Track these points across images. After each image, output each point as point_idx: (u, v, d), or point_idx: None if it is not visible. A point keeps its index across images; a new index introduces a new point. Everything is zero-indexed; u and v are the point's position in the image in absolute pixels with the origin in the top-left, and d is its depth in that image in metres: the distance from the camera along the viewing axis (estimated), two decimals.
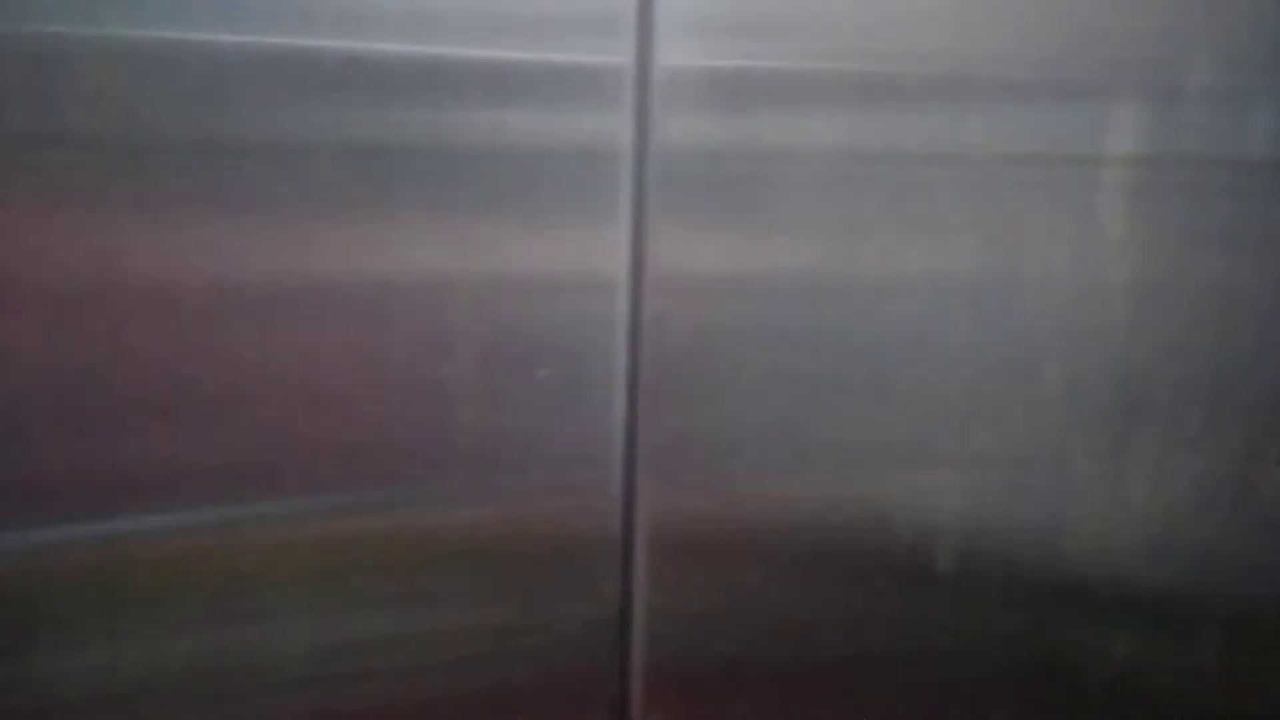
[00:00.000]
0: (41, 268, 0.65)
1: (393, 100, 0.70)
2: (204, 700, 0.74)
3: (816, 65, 0.79)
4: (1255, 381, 0.95)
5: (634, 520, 0.82)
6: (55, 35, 0.63)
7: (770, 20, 0.77)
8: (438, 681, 0.81)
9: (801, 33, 0.78)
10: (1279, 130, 0.89)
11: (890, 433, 0.87)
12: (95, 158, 0.65)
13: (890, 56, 0.80)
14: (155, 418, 0.69)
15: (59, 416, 0.67)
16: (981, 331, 0.87)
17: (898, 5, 0.79)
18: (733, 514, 0.85)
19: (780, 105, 0.78)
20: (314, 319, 0.71)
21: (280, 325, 0.70)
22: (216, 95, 0.66)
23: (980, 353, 0.88)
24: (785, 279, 0.81)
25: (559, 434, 0.79)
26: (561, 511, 0.81)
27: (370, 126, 0.69)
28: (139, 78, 0.65)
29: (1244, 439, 0.96)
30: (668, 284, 0.79)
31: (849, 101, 0.80)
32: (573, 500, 0.81)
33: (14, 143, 0.64)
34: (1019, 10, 0.81)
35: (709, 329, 0.80)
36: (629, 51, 0.74)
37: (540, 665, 0.83)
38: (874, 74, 0.80)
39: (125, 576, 0.71)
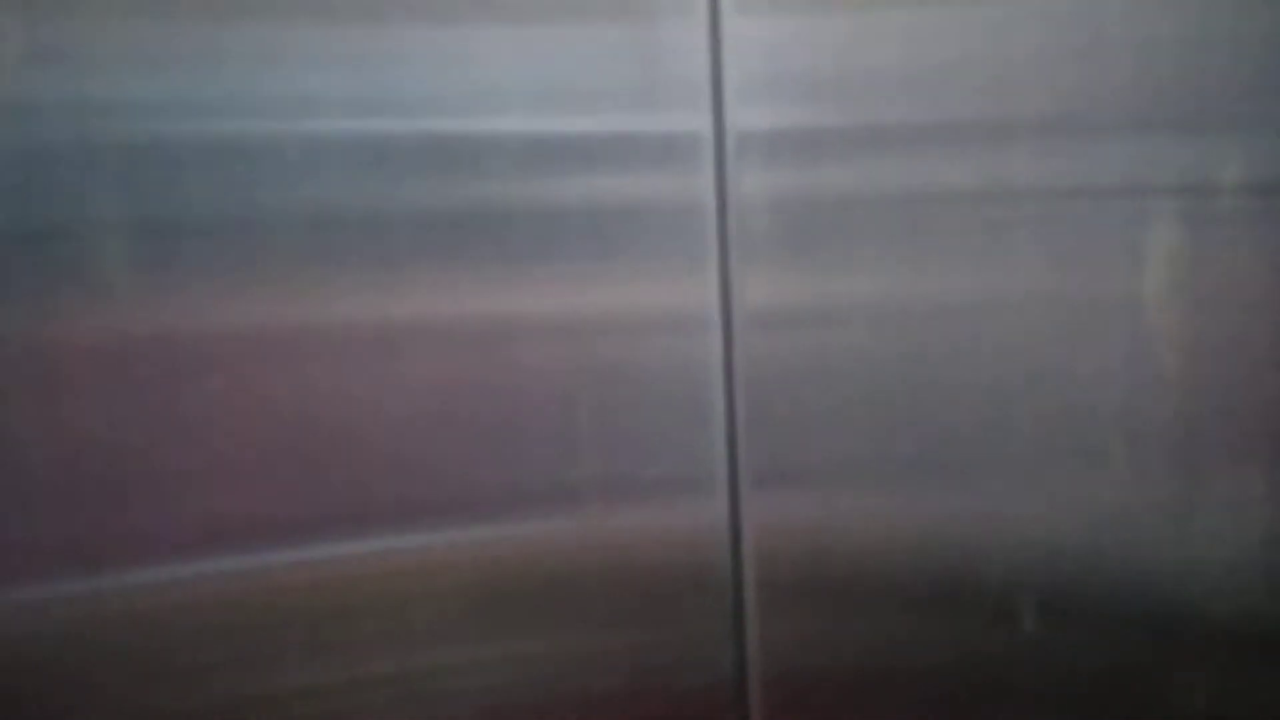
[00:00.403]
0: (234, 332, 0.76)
1: (505, 171, 0.80)
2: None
3: (872, 119, 0.88)
4: None
5: (741, 549, 0.89)
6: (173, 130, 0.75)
7: (826, 82, 0.86)
8: (553, 708, 0.87)
9: (856, 89, 0.87)
10: None
11: (976, 458, 0.93)
12: (271, 239, 0.76)
13: (937, 106, 0.89)
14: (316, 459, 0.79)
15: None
16: (1056, 359, 0.93)
17: (941, 60, 0.88)
18: (836, 538, 0.91)
19: (841, 156, 0.87)
20: (440, 364, 0.80)
21: (413, 369, 0.80)
22: (367, 174, 0.77)
23: (1058, 379, 0.93)
24: (860, 313, 0.89)
25: (665, 466, 0.86)
26: (670, 542, 0.87)
27: (489, 195, 0.80)
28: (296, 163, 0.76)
29: None
30: (755, 322, 0.87)
31: (903, 150, 0.89)
32: (680, 531, 0.87)
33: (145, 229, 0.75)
34: (1059, 53, 0.90)
35: (796, 361, 0.88)
36: (705, 118, 0.84)
37: (658, 691, 0.88)
38: (922, 124, 0.89)
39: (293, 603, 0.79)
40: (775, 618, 0.90)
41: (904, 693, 0.94)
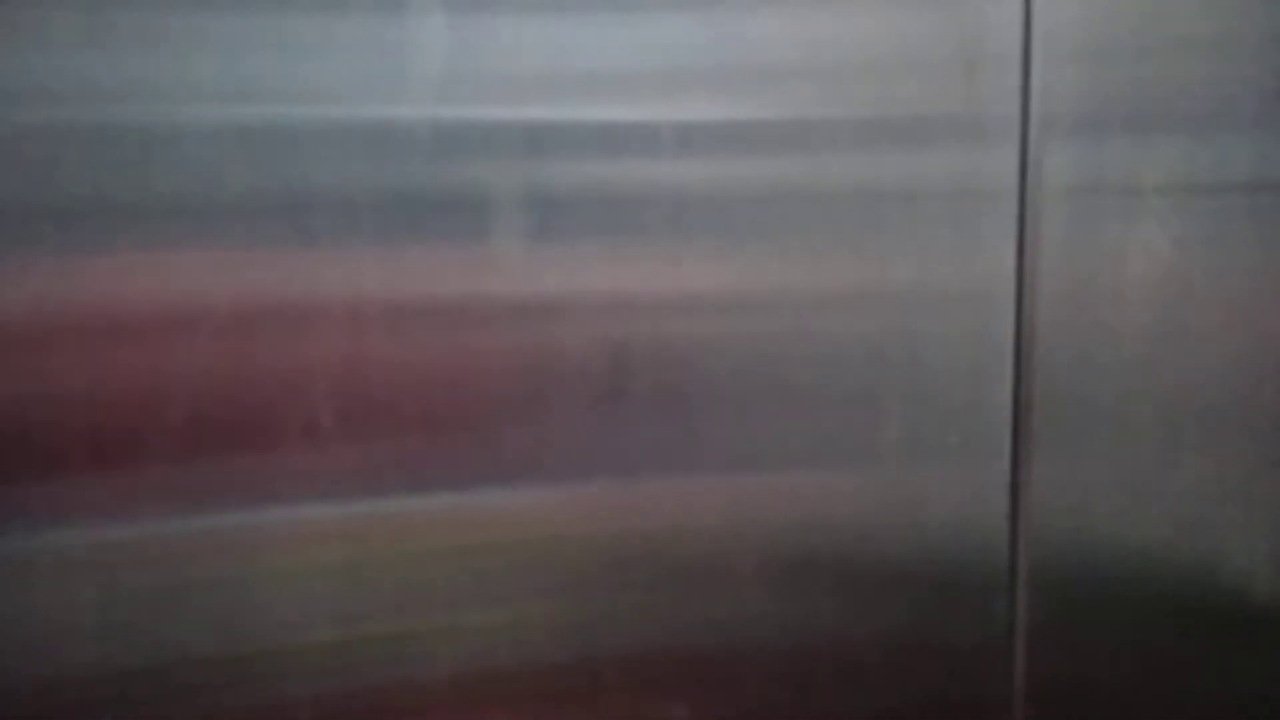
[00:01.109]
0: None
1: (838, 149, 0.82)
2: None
3: (1172, 103, 0.87)
4: None
5: (1019, 542, 0.88)
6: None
7: (1128, 70, 0.86)
8: (823, 699, 0.87)
9: (1158, 73, 0.86)
10: None
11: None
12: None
13: (1237, 94, 0.87)
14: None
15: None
16: None
17: (1231, 39, 0.87)
18: (1117, 539, 0.90)
19: (1139, 140, 0.86)
20: (766, 331, 0.82)
21: (748, 332, 0.82)
22: (717, 150, 0.79)
23: None
24: (1156, 293, 0.88)
25: (949, 446, 0.86)
26: (948, 527, 0.87)
27: (822, 176, 0.82)
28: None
29: None
30: (1049, 299, 0.86)
31: (1193, 136, 0.88)
32: (960, 511, 0.87)
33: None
34: None
35: (1085, 341, 0.87)
36: (1013, 103, 0.84)
37: (926, 688, 0.89)
38: (1216, 111, 0.87)
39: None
40: (1050, 620, 0.90)
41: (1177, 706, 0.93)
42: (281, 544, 0.76)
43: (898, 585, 0.87)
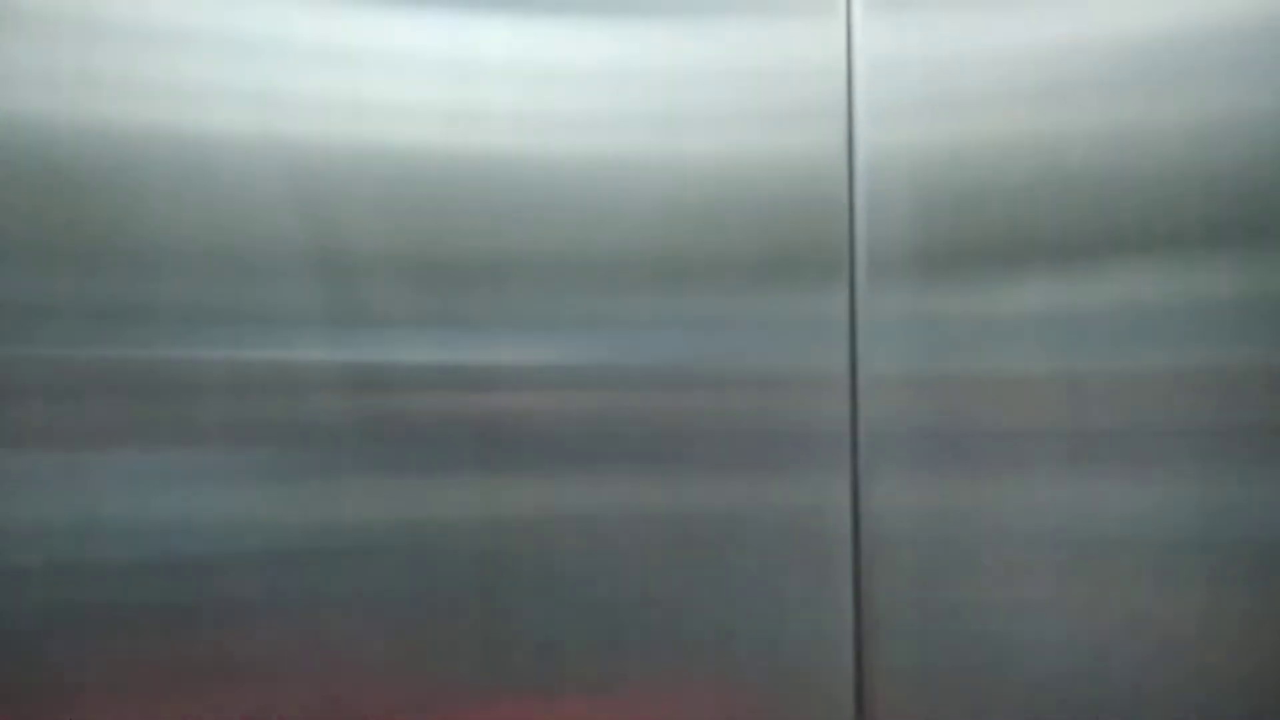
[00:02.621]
0: None
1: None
2: None
3: (1003, 425, 0.93)
4: None
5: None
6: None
7: (958, 386, 0.92)
8: None
9: (990, 396, 0.92)
10: None
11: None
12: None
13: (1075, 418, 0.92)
14: None
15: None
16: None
17: (1091, 368, 0.92)
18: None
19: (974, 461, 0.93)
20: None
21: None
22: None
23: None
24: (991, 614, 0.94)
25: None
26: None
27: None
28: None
29: None
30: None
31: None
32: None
33: None
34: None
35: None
36: (842, 414, 0.92)
37: None
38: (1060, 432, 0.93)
39: None
40: None
41: None
42: None
43: None
